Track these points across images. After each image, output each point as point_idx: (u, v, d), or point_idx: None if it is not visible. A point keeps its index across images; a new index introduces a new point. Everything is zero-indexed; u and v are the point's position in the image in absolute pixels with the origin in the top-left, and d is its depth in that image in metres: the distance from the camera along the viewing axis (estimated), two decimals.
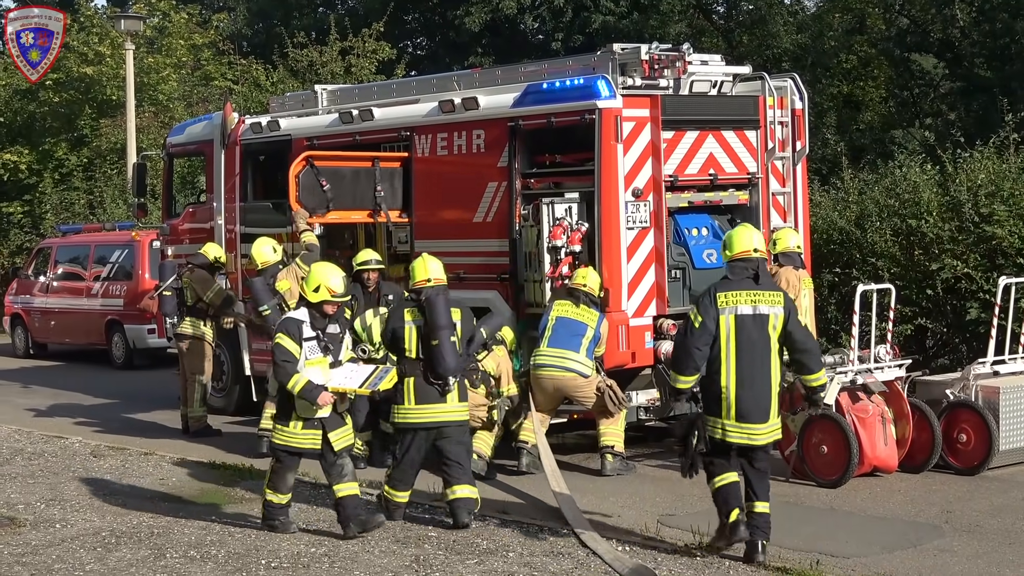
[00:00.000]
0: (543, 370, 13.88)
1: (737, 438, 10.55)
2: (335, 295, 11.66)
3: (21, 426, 18.47)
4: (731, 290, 10.57)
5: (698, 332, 10.53)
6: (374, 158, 16.26)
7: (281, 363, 11.53)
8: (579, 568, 10.63)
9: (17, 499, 13.74)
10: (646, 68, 14.75)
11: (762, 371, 10.51)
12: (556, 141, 15.15)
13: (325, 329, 11.68)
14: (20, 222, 36.79)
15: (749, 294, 10.54)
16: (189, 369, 17.57)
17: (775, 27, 31.65)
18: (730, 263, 10.77)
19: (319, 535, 11.84)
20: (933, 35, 30.80)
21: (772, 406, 10.59)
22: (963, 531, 11.57)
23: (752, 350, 10.48)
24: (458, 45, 38.74)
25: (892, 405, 13.61)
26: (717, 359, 10.52)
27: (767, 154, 15.49)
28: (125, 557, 11.29)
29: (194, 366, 17.52)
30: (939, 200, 17.81)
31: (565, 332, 13.88)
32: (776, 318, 10.51)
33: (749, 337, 10.48)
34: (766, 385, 10.53)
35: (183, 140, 20.28)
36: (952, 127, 27.52)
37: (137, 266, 25.46)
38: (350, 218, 16.46)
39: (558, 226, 14.45)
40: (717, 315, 10.50)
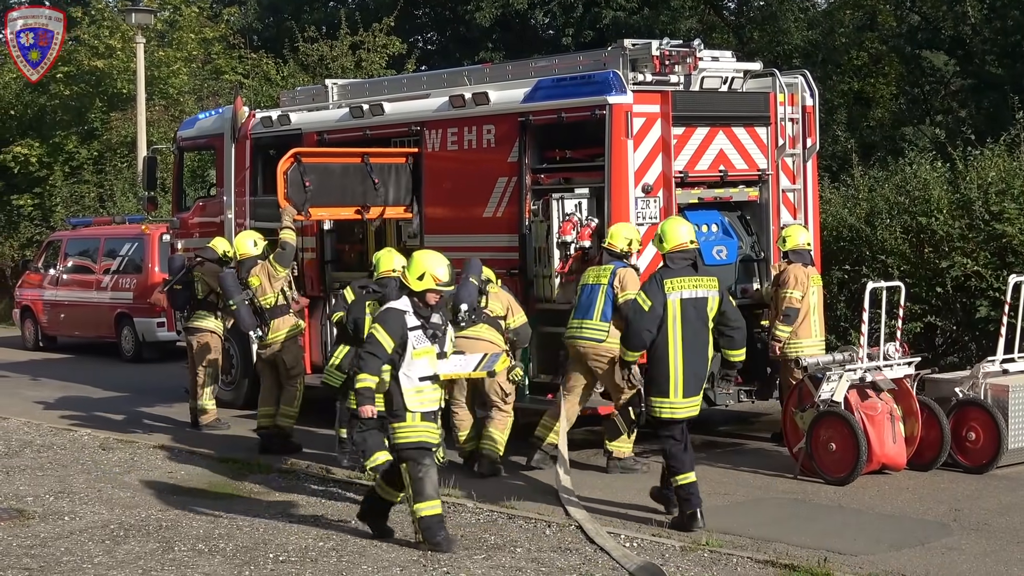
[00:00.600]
0: (569, 340, 13.90)
1: (684, 413, 11.60)
2: (440, 283, 11.10)
3: (30, 418, 18.51)
4: (675, 277, 11.60)
5: (648, 315, 11.55)
6: (363, 154, 16.22)
7: (367, 354, 10.99)
8: (587, 564, 10.63)
9: (26, 491, 13.77)
10: (657, 64, 14.74)
11: (702, 350, 11.62)
12: (566, 136, 15.14)
13: (429, 318, 11.08)
14: (30, 215, 36.88)
15: (691, 280, 11.61)
16: (198, 363, 17.59)
17: (786, 23, 31.58)
18: (668, 254, 11.76)
19: (327, 529, 11.84)
20: (944, 32, 30.70)
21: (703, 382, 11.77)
22: (971, 529, 11.55)
23: (694, 331, 11.55)
24: (468, 40, 38.70)
25: (901, 403, 13.60)
26: (664, 340, 11.53)
27: (777, 151, 15.47)
28: (133, 550, 11.31)
29: (203, 360, 17.53)
30: (949, 198, 17.79)
31: (585, 300, 13.86)
32: (713, 300, 11.62)
33: (690, 319, 11.54)
34: (704, 362, 11.67)
35: (193, 134, 20.31)
36: (963, 124, 27.47)
37: (147, 259, 25.48)
38: (338, 215, 16.42)
39: (568, 222, 14.45)
40: (664, 299, 11.50)
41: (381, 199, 16.16)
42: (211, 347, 17.57)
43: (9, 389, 22.25)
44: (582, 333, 13.77)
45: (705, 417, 16.41)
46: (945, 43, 31.04)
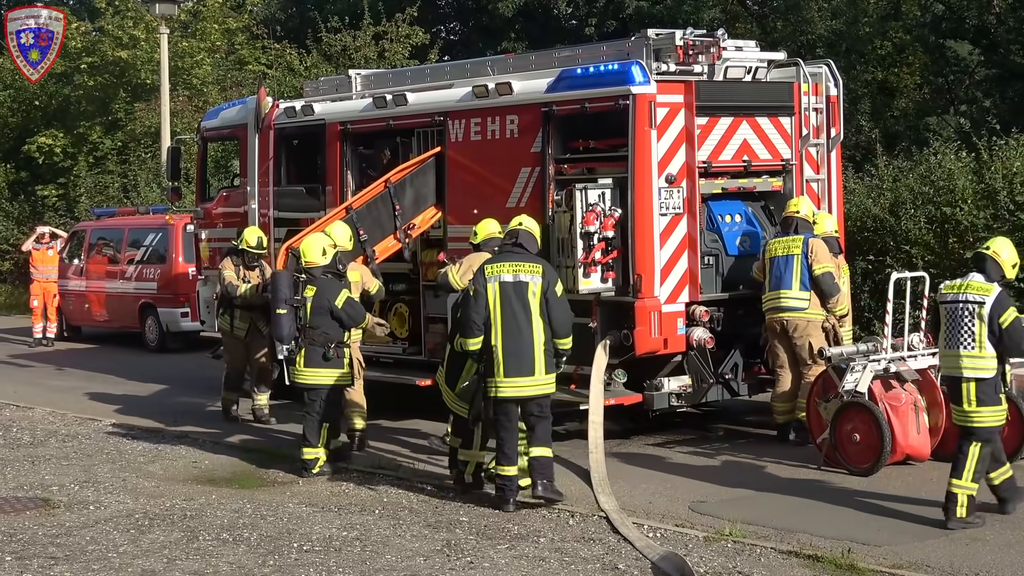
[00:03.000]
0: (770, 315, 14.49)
1: (507, 392, 12.00)
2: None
3: (55, 408, 18.59)
4: (496, 263, 12.27)
5: (473, 301, 12.14)
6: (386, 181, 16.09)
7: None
8: (610, 554, 10.64)
9: (51, 481, 13.84)
10: (680, 54, 14.70)
11: (526, 331, 11.96)
12: (590, 126, 15.12)
13: None
14: (55, 205, 36.99)
15: (511, 265, 12.16)
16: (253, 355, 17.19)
17: (809, 13, 31.44)
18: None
19: (351, 518, 11.88)
20: (969, 21, 30.53)
21: (537, 362, 11.98)
22: (995, 520, 11.50)
23: (515, 313, 11.98)
24: (491, 30, 38.67)
25: (925, 393, 13.55)
26: (488, 323, 12.04)
27: (801, 141, 15.44)
28: (158, 539, 11.35)
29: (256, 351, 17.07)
30: (974, 188, 17.73)
31: (777, 272, 14.41)
32: (535, 285, 12.04)
33: (510, 302, 12.00)
34: (529, 344, 11.96)
35: (217, 124, 20.34)
36: (987, 114, 27.36)
37: (171, 250, 25.55)
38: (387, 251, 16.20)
39: (591, 212, 14.43)
40: (485, 283, 12.09)
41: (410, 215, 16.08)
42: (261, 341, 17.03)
43: (34, 379, 22.35)
44: (783, 303, 14.31)
45: (728, 407, 16.51)
46: (969, 32, 30.89)
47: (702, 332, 14.59)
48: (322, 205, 17.51)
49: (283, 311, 13.98)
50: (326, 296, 13.84)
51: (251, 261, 17.06)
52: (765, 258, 14.55)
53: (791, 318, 14.33)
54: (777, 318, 14.42)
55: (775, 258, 14.41)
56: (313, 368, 13.81)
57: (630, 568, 10.28)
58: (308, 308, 13.84)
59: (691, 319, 14.66)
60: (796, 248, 14.33)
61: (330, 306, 13.81)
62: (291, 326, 13.94)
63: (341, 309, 13.83)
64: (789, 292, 14.32)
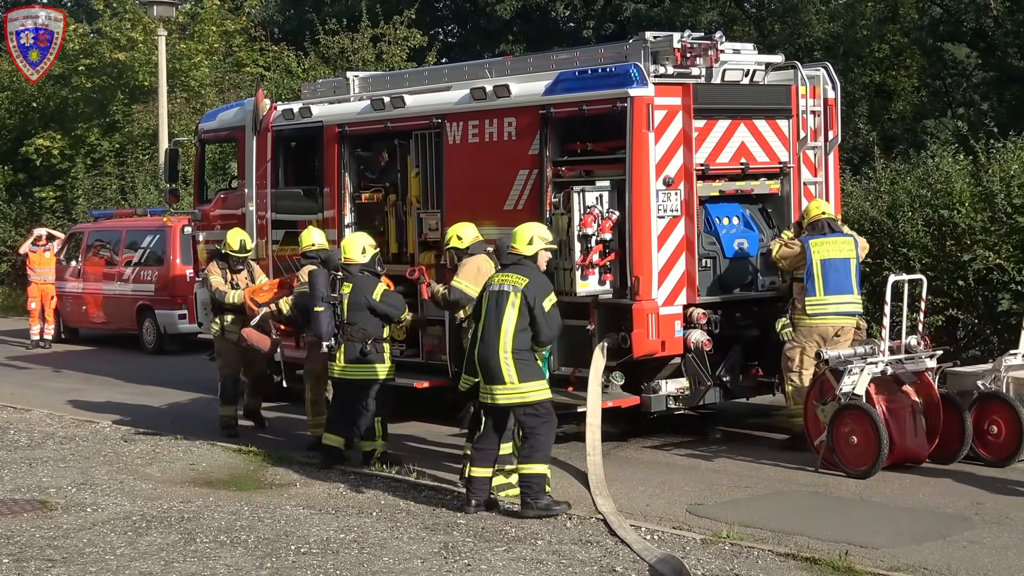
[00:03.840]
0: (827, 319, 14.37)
1: (485, 399, 12.08)
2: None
3: (52, 410, 18.58)
4: (500, 274, 12.35)
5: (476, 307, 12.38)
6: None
7: None
8: (607, 556, 10.64)
9: (48, 483, 13.83)
10: (678, 56, 14.69)
11: (493, 339, 11.95)
12: (587, 129, 15.12)
13: None
14: (52, 207, 36.99)
15: (502, 276, 12.24)
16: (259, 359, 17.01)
17: (807, 16, 31.49)
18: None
19: (348, 521, 11.88)
20: (966, 24, 30.59)
21: (504, 370, 11.88)
22: (993, 523, 11.52)
23: (491, 322, 12.00)
24: (489, 32, 38.69)
25: (923, 396, 13.57)
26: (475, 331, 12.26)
27: (799, 143, 15.44)
28: (155, 541, 11.35)
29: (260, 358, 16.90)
30: (971, 190, 17.72)
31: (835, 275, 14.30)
32: (515, 295, 11.96)
33: (490, 311, 12.04)
34: (494, 351, 11.93)
35: (215, 126, 20.34)
36: (985, 117, 27.35)
37: (168, 252, 25.56)
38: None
39: (589, 214, 14.42)
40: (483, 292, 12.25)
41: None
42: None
43: (31, 381, 22.35)
44: (850, 308, 14.36)
45: (726, 410, 16.51)
46: (967, 35, 30.95)
47: (700, 334, 14.59)
48: (320, 207, 17.52)
49: (320, 308, 14.07)
50: (363, 292, 14.03)
51: (236, 264, 16.92)
52: (814, 260, 14.26)
53: (850, 323, 14.41)
54: (836, 323, 14.36)
55: (829, 260, 14.27)
56: (353, 364, 14.04)
57: (628, 571, 10.27)
58: (345, 304, 14.04)
59: (689, 321, 14.65)
60: (849, 251, 14.35)
61: (368, 302, 13.99)
62: (330, 322, 14.04)
63: (380, 302, 14.03)
64: (853, 296, 14.35)
